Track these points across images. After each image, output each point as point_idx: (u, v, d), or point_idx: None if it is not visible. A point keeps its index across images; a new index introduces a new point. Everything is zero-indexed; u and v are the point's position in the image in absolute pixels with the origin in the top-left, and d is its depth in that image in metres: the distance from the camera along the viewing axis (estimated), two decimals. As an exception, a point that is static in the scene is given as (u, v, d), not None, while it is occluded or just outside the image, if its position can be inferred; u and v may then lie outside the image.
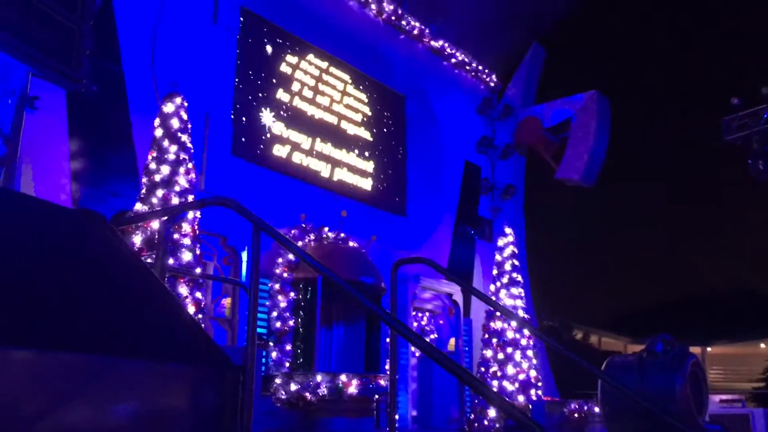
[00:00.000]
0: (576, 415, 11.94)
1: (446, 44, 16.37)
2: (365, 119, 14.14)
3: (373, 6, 14.57)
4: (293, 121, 12.40)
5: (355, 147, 13.71)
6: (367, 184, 13.83)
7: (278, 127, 12.09)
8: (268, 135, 11.85)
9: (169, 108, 8.83)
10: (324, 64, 13.36)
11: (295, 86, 12.63)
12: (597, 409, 10.87)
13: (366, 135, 14.07)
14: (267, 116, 11.92)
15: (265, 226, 2.96)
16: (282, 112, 12.23)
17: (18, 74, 4.36)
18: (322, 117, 13.07)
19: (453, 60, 16.70)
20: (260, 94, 11.93)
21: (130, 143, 9.51)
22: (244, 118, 11.50)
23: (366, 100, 14.27)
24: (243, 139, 11.38)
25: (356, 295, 2.79)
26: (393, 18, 15.02)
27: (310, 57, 13.05)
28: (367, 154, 13.98)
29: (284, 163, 12.05)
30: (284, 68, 12.51)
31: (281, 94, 12.31)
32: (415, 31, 15.57)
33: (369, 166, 13.98)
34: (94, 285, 2.26)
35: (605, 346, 32.23)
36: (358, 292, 2.75)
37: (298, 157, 12.33)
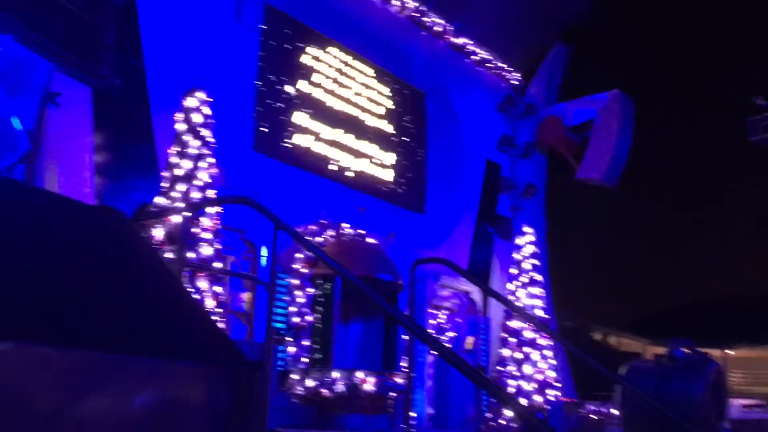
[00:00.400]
0: (594, 416, 11.87)
1: (468, 41, 16.28)
2: (386, 113, 14.13)
3: (395, 2, 14.53)
4: (315, 112, 12.43)
5: (375, 139, 13.70)
6: (388, 175, 13.81)
7: (300, 117, 12.13)
8: (290, 127, 11.87)
9: (191, 103, 8.89)
10: (346, 59, 13.37)
11: (317, 78, 12.66)
12: (615, 412, 10.79)
13: (388, 128, 14.05)
14: (289, 107, 11.96)
15: (284, 225, 2.96)
16: (304, 103, 12.26)
17: (41, 71, 4.40)
18: (343, 108, 13.09)
19: (475, 57, 16.60)
20: (282, 88, 11.95)
21: (151, 138, 9.58)
22: (265, 112, 11.53)
23: (388, 94, 14.26)
24: (265, 131, 11.41)
25: (374, 297, 2.78)
26: (415, 15, 14.96)
27: (332, 51, 13.06)
28: (387, 146, 13.97)
29: (304, 158, 12.06)
30: (306, 60, 12.53)
31: (303, 86, 12.34)
32: (438, 28, 15.50)
33: (390, 158, 13.97)
34: (112, 282, 2.27)
35: (624, 347, 31.93)
36: (374, 292, 2.74)
37: (318, 147, 12.35)
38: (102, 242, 2.36)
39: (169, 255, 7.41)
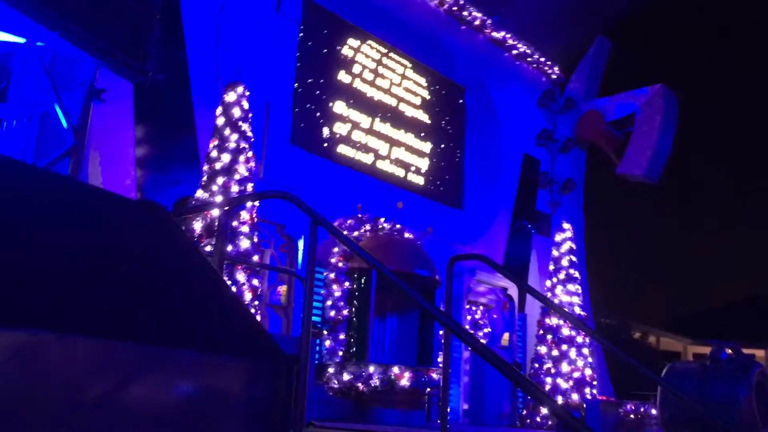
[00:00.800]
0: (632, 416, 11.70)
1: (508, 35, 16.14)
2: (425, 107, 14.09)
3: (434, -4, 14.47)
4: (353, 104, 12.46)
5: (413, 133, 13.68)
6: (426, 170, 13.77)
7: (339, 106, 12.19)
8: (328, 120, 11.92)
9: (231, 97, 8.97)
10: (384, 53, 13.36)
11: (356, 69, 12.69)
12: (654, 412, 10.62)
13: (426, 122, 14.02)
14: (328, 97, 12.02)
15: (323, 221, 2.97)
16: (343, 93, 12.31)
17: (86, 66, 4.47)
18: (381, 102, 13.09)
19: (514, 51, 16.46)
20: (321, 81, 12.00)
21: (192, 131, 9.70)
22: (305, 105, 11.59)
23: (427, 88, 14.22)
24: (302, 125, 11.47)
25: (409, 293, 2.78)
26: (454, 9, 14.88)
27: (371, 45, 13.07)
28: (425, 140, 13.94)
29: (342, 153, 12.10)
30: (345, 53, 12.56)
31: (342, 76, 12.39)
32: (477, 22, 15.39)
33: (428, 152, 13.93)
34: (155, 276, 2.30)
35: (664, 346, 31.43)
36: (409, 287, 2.73)
37: (357, 138, 12.38)
38: (144, 236, 2.40)
39: (208, 248, 7.50)
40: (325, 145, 11.88)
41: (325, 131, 11.90)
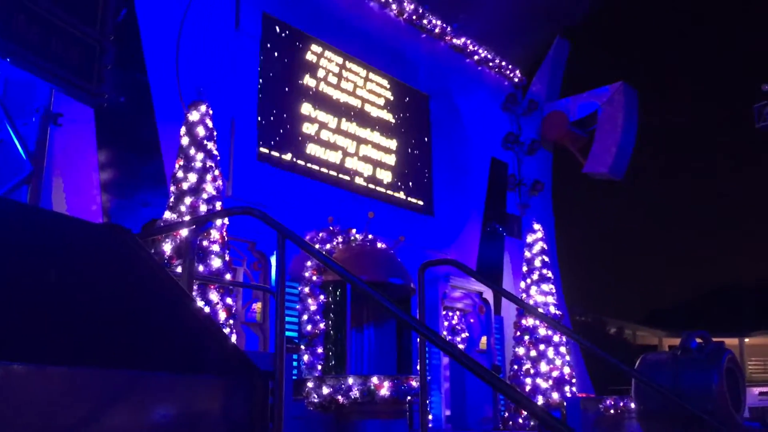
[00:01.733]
0: (612, 411, 11.79)
1: (469, 41, 16.29)
2: (391, 117, 14.13)
3: (393, 6, 14.55)
4: (319, 122, 12.46)
5: (381, 144, 13.71)
6: (395, 179, 13.81)
7: (307, 126, 12.19)
8: (297, 136, 11.89)
9: (194, 116, 8.92)
10: (346, 64, 13.38)
11: (321, 74, 12.71)
12: (633, 405, 10.73)
13: (393, 132, 14.05)
14: (294, 107, 12.03)
15: (290, 234, 2.96)
16: (309, 98, 12.32)
17: (41, 91, 4.42)
18: (346, 115, 13.09)
19: (476, 57, 16.61)
20: (285, 91, 11.99)
21: (157, 152, 9.62)
22: (268, 121, 11.55)
23: (392, 98, 14.26)
24: (269, 140, 11.43)
25: (382, 300, 2.78)
26: (414, 17, 14.98)
27: (332, 57, 13.09)
28: (393, 150, 13.98)
29: (311, 167, 12.07)
30: (307, 67, 12.56)
31: (305, 90, 12.40)
32: (437, 30, 15.52)
33: (396, 161, 13.98)
34: (122, 300, 2.28)
35: (640, 340, 31.82)
36: (382, 296, 2.74)
37: (326, 155, 12.37)
38: (110, 260, 2.37)
39: (179, 269, 7.43)
40: (294, 159, 11.84)
41: (294, 148, 11.87)
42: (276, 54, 12.02)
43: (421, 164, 14.70)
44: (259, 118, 11.38)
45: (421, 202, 14.39)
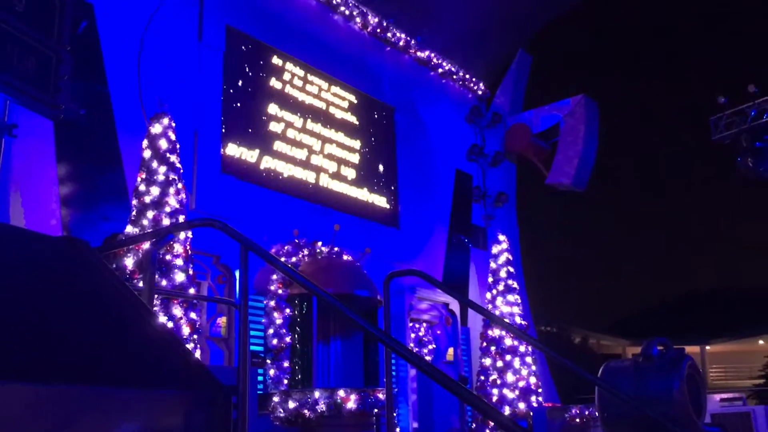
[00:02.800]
0: (578, 420, 11.89)
1: (433, 54, 16.43)
2: (355, 128, 14.14)
3: (358, 20, 14.61)
4: (283, 131, 12.41)
5: (345, 155, 13.70)
6: (360, 191, 13.79)
7: (271, 139, 12.15)
8: (261, 150, 11.82)
9: (156, 129, 8.82)
10: (310, 78, 13.36)
11: (283, 97, 12.64)
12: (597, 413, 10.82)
13: (357, 144, 14.06)
14: (260, 104, 11.97)
15: (252, 245, 2.94)
16: (271, 121, 12.24)
17: (-5, 103, 4.35)
18: (311, 126, 13.06)
19: (440, 70, 16.76)
20: (250, 99, 11.93)
21: (119, 165, 9.48)
22: (231, 134, 11.47)
23: (356, 110, 14.27)
24: (233, 153, 11.34)
25: (348, 313, 2.77)
26: (378, 30, 15.06)
27: (296, 69, 13.06)
28: (357, 161, 13.98)
29: (276, 179, 12.01)
30: (271, 81, 12.52)
31: (271, 107, 12.33)
32: (401, 43, 15.62)
33: (361, 173, 13.98)
34: (82, 314, 2.24)
35: (604, 349, 32.22)
36: (346, 308, 2.73)
37: (290, 168, 12.31)
38: (68, 274, 2.32)
39: (141, 284, 7.31)
40: (259, 173, 11.76)
41: (259, 160, 11.79)
42: (240, 66, 11.96)
43: (387, 177, 14.73)
44: (223, 135, 11.29)
45: (386, 215, 14.40)
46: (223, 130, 11.29)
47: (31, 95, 3.97)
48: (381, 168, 14.60)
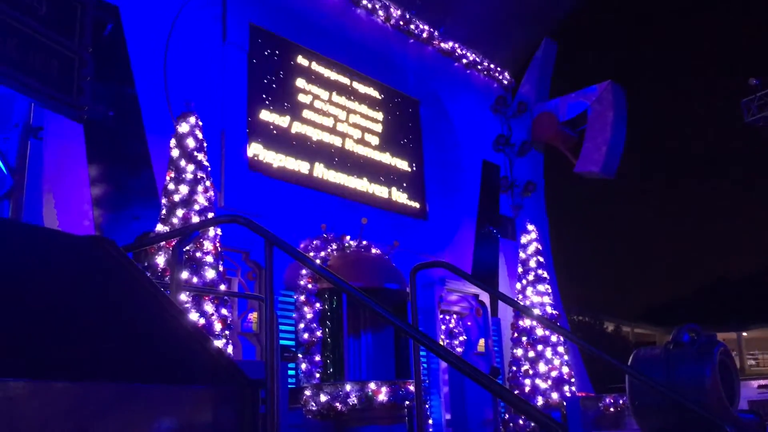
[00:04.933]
0: (612, 409, 11.80)
1: (457, 45, 16.33)
2: (381, 122, 14.13)
3: (380, 12, 14.59)
4: (310, 128, 12.47)
5: (372, 149, 13.72)
6: (388, 184, 13.79)
7: (296, 130, 12.22)
8: (286, 143, 11.88)
9: (183, 128, 8.92)
10: (335, 72, 13.38)
11: (308, 94, 12.68)
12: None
13: (384, 138, 14.06)
14: (282, 125, 12.02)
15: (277, 241, 2.96)
16: (296, 118, 12.30)
17: (20, 106, 4.41)
18: (337, 121, 13.09)
19: (464, 60, 16.65)
20: (274, 100, 11.99)
21: (148, 165, 9.61)
22: (258, 130, 11.54)
23: (381, 104, 14.26)
24: (259, 150, 11.42)
25: (375, 308, 2.78)
26: (401, 23, 15.02)
27: (320, 65, 13.09)
28: (384, 155, 13.99)
29: (302, 174, 12.06)
30: (295, 77, 12.56)
31: (295, 99, 12.39)
32: (425, 35, 15.56)
33: (388, 166, 13.98)
34: (109, 312, 2.28)
35: (638, 338, 31.87)
36: (372, 301, 2.74)
37: (317, 166, 12.35)
38: (94, 273, 2.37)
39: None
40: (285, 169, 11.82)
41: (284, 156, 11.85)
42: (263, 66, 12.02)
43: (414, 169, 14.71)
44: (248, 130, 11.37)
45: (414, 207, 14.38)
46: (248, 131, 11.37)
47: (54, 97, 4.03)
48: (410, 168, 14.58)
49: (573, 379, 13.36)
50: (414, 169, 14.73)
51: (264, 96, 11.89)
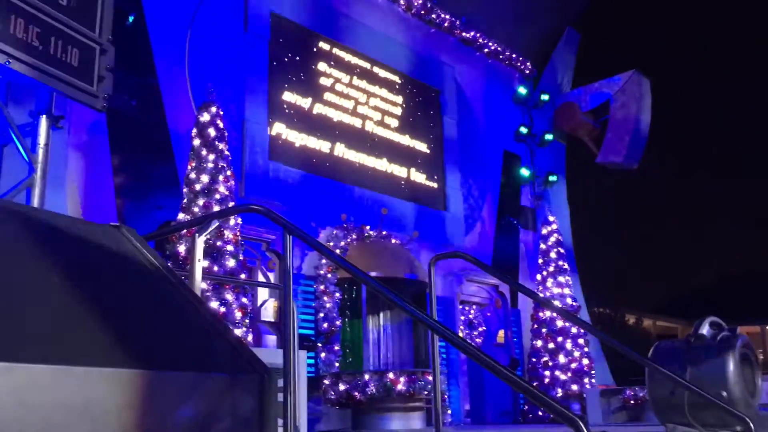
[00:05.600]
0: (632, 402, 11.72)
1: (478, 34, 16.20)
2: (402, 112, 14.10)
3: (401, 2, 14.51)
4: (330, 114, 12.49)
5: (393, 139, 13.70)
6: (408, 174, 13.77)
7: (316, 120, 12.24)
8: (306, 133, 11.89)
9: (205, 117, 8.96)
10: (356, 61, 13.36)
11: (329, 81, 12.69)
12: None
13: (404, 127, 14.02)
14: (302, 112, 12.03)
15: (294, 230, 2.97)
16: (318, 103, 12.31)
17: (41, 95, 4.46)
18: (357, 109, 13.08)
19: (486, 50, 16.52)
20: (294, 89, 12.01)
21: (170, 155, 9.69)
22: (278, 120, 11.57)
23: (402, 93, 14.22)
24: (280, 139, 11.45)
25: (393, 298, 2.78)
26: (422, 12, 14.93)
27: (341, 54, 13.08)
28: (405, 145, 13.96)
29: (323, 164, 12.07)
30: (316, 65, 12.57)
31: (315, 89, 12.40)
32: (446, 24, 15.45)
33: (408, 157, 13.95)
34: (129, 299, 2.30)
35: (660, 330, 31.59)
36: (390, 291, 2.74)
37: (337, 151, 12.35)
38: (114, 260, 2.39)
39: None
40: (306, 158, 11.84)
41: (305, 146, 11.87)
42: (284, 56, 12.03)
43: (435, 160, 14.66)
44: (269, 119, 11.39)
45: (434, 198, 14.34)
46: (270, 120, 11.40)
47: (75, 86, 4.07)
48: (427, 150, 14.54)
49: (593, 371, 13.29)
50: (435, 159, 14.67)
51: (287, 78, 11.92)
